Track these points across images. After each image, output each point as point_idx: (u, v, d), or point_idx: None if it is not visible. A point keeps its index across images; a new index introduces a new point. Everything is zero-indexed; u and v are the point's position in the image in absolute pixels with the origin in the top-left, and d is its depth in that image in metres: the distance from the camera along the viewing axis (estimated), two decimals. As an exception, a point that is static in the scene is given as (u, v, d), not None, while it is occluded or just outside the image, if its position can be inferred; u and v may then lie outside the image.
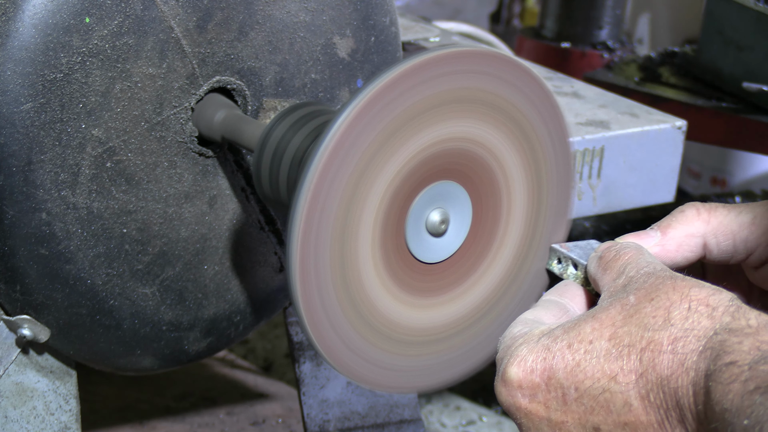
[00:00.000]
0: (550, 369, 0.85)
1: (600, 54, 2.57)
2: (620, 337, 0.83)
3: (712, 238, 0.97)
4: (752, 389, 0.74)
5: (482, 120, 0.99)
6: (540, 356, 0.86)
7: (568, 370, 0.85)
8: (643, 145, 1.76)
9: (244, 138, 1.19)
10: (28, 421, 1.28)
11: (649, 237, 0.97)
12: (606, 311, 0.86)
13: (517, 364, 0.87)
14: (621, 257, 0.92)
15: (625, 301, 0.85)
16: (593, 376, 0.84)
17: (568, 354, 0.85)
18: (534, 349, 0.87)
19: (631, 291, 0.86)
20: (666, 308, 0.83)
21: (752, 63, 2.15)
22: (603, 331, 0.84)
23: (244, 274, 1.33)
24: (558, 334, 0.87)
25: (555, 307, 0.95)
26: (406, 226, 0.98)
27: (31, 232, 1.17)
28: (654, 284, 0.86)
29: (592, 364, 0.84)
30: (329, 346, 0.96)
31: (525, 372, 0.86)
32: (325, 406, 1.70)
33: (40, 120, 1.14)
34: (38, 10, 1.13)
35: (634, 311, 0.84)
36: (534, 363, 0.86)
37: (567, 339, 0.86)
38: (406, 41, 1.98)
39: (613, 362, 0.83)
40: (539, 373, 0.86)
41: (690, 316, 0.82)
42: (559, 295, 0.97)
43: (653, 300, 0.84)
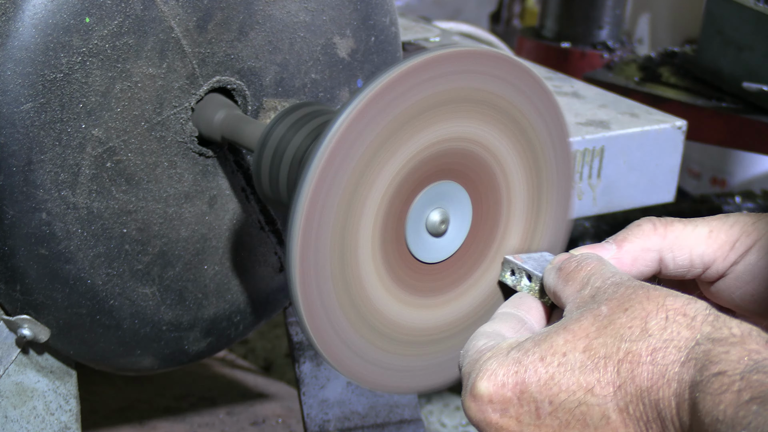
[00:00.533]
0: (522, 383, 0.84)
1: (600, 54, 2.57)
2: (595, 349, 0.82)
3: (669, 252, 0.97)
4: (747, 399, 0.73)
5: (482, 120, 0.99)
6: (511, 370, 0.84)
7: (541, 384, 0.83)
8: (643, 145, 1.76)
9: (244, 138, 1.19)
10: (28, 421, 1.28)
11: (605, 250, 0.96)
12: (578, 322, 0.84)
13: (487, 378, 0.85)
14: (583, 268, 0.91)
15: (597, 312, 0.84)
16: (568, 389, 0.82)
17: (540, 367, 0.83)
18: (504, 363, 0.85)
19: (602, 301, 0.85)
20: (642, 318, 0.82)
21: (752, 63, 2.15)
22: (576, 342, 0.83)
23: (244, 274, 1.33)
24: (528, 347, 0.85)
25: (512, 319, 0.94)
26: (406, 226, 0.98)
27: (31, 232, 1.17)
28: (626, 294, 0.84)
29: (567, 376, 0.82)
30: (329, 346, 0.96)
31: (495, 386, 0.85)
32: (325, 406, 1.70)
33: (40, 120, 1.14)
34: (38, 10, 1.13)
35: (608, 322, 0.83)
36: (505, 377, 0.84)
37: (539, 352, 0.84)
38: (406, 41, 1.98)
39: (589, 374, 0.82)
40: (511, 387, 0.84)
41: (668, 326, 0.81)
42: (514, 307, 0.96)
43: (627, 310, 0.83)
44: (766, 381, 0.73)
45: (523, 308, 0.96)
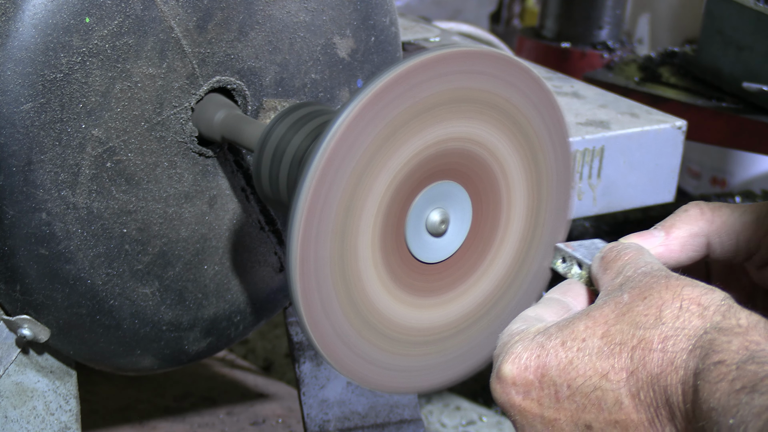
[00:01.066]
0: (543, 366, 0.86)
1: (600, 54, 2.57)
2: (612, 335, 0.84)
3: (716, 237, 0.98)
4: (738, 388, 0.74)
5: (482, 120, 0.99)
6: (534, 353, 0.87)
7: (560, 368, 0.85)
8: (643, 145, 1.76)
9: (244, 138, 1.19)
10: (28, 421, 1.28)
11: (653, 237, 0.97)
12: (600, 309, 0.86)
13: (512, 362, 0.87)
14: (621, 257, 0.92)
15: (619, 300, 0.86)
16: (585, 373, 0.84)
17: (561, 352, 0.85)
18: (529, 347, 0.87)
19: (626, 290, 0.87)
20: (658, 307, 0.83)
21: (752, 63, 2.15)
22: (596, 329, 0.85)
23: (244, 274, 1.33)
24: (552, 332, 0.87)
25: (557, 305, 0.96)
26: (406, 226, 0.98)
27: (31, 232, 1.17)
28: (648, 283, 0.86)
29: (584, 361, 0.84)
30: (329, 346, 0.96)
31: (519, 369, 0.87)
32: (325, 406, 1.70)
33: (40, 120, 1.14)
34: (38, 10, 1.13)
35: (627, 309, 0.85)
36: (528, 360, 0.87)
37: (561, 337, 0.86)
38: (406, 41, 1.98)
39: (604, 360, 0.83)
40: (533, 370, 0.86)
41: (681, 315, 0.82)
42: (561, 293, 0.98)
43: (646, 299, 0.84)
44: (758, 371, 0.75)
45: (570, 295, 0.97)
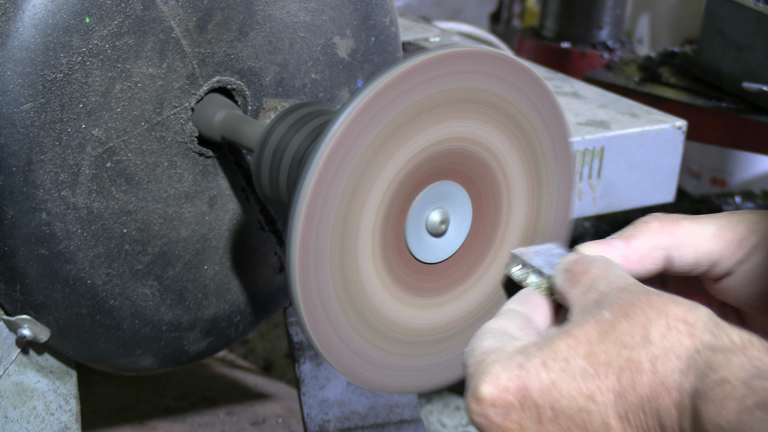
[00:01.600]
0: (524, 388, 0.83)
1: (600, 54, 2.57)
2: (596, 355, 0.82)
3: (676, 251, 0.96)
4: (751, 405, 0.73)
5: (482, 120, 0.99)
6: (513, 374, 0.84)
7: (543, 389, 0.83)
8: (643, 145, 1.76)
9: (244, 138, 1.19)
10: (28, 421, 1.28)
11: (613, 247, 0.95)
12: (580, 327, 0.84)
13: (490, 382, 0.85)
14: (589, 271, 0.90)
15: (600, 317, 0.83)
16: (569, 395, 0.82)
17: (543, 372, 0.83)
18: (507, 367, 0.85)
19: (605, 306, 0.84)
20: (643, 325, 0.81)
21: (752, 63, 2.15)
22: (578, 348, 0.82)
23: (244, 274, 1.33)
24: (531, 351, 0.85)
25: (517, 317, 0.93)
26: (406, 226, 0.98)
27: (31, 232, 1.17)
28: (629, 300, 0.84)
29: (568, 382, 0.82)
30: (329, 346, 0.96)
31: (498, 390, 0.84)
32: (325, 406, 1.70)
33: (40, 120, 1.14)
34: (38, 10, 1.13)
35: (610, 328, 0.82)
36: (508, 381, 0.84)
37: (541, 357, 0.84)
38: (406, 41, 1.99)
39: (590, 381, 0.81)
40: (513, 391, 0.84)
41: (669, 334, 0.80)
42: (521, 304, 0.95)
43: (629, 317, 0.82)
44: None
45: (530, 306, 0.95)
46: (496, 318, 0.94)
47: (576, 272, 0.91)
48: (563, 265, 0.93)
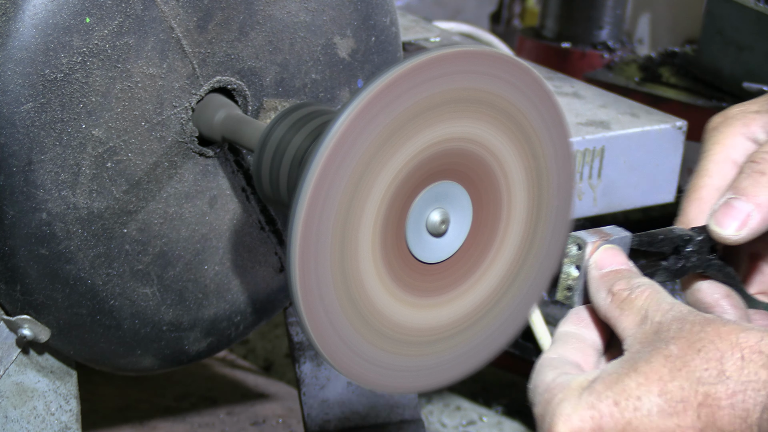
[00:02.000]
0: (599, 429, 0.83)
1: (600, 54, 2.57)
2: (672, 393, 0.81)
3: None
4: None
5: (482, 120, 0.99)
6: (587, 415, 0.83)
7: (618, 429, 0.82)
8: (644, 145, 1.76)
9: (245, 138, 1.19)
10: (29, 421, 1.28)
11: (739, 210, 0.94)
12: (648, 364, 0.83)
13: (563, 423, 0.84)
14: (638, 297, 0.89)
15: (667, 353, 0.82)
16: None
17: (616, 412, 0.82)
18: (578, 408, 0.84)
19: (669, 340, 0.83)
20: (718, 360, 0.80)
21: (752, 63, 2.15)
22: (650, 386, 0.82)
23: (245, 274, 1.33)
24: (600, 390, 0.84)
25: (574, 340, 0.92)
26: (407, 226, 0.98)
27: (32, 232, 1.17)
28: (694, 332, 0.82)
29: (645, 422, 0.81)
30: (329, 346, 0.96)
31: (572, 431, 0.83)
32: (325, 406, 1.70)
33: (40, 120, 1.14)
34: (38, 10, 1.13)
35: (682, 364, 0.81)
36: (581, 422, 0.83)
37: (612, 396, 0.83)
38: (407, 41, 1.98)
39: (667, 419, 0.80)
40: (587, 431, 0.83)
41: (745, 367, 0.79)
42: (574, 324, 0.94)
43: (701, 351, 0.81)
44: None
45: (582, 324, 0.94)
46: (553, 346, 0.92)
47: (621, 297, 0.89)
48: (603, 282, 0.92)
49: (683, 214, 1.01)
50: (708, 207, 0.99)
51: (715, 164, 0.98)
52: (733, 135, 0.97)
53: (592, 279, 0.94)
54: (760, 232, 0.94)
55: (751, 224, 0.94)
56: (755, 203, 0.94)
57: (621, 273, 0.93)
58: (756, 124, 0.97)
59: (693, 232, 1.00)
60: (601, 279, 0.93)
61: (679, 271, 1.00)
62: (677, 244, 0.99)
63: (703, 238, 0.99)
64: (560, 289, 0.99)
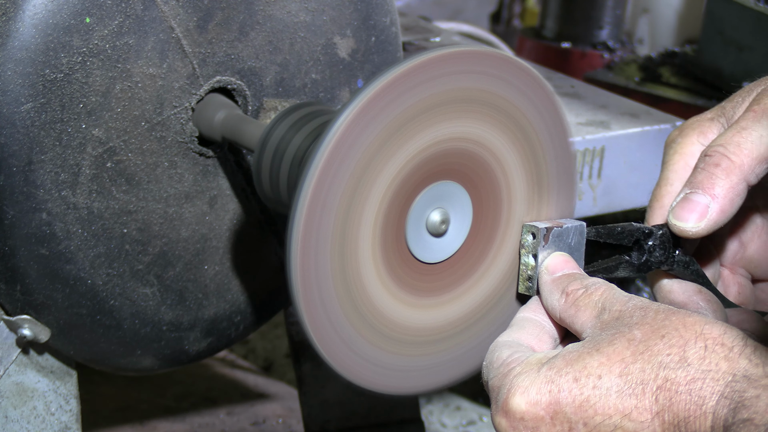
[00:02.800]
0: (556, 403, 0.84)
1: (600, 54, 2.57)
2: (632, 374, 0.82)
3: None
4: None
5: (482, 120, 0.99)
6: (544, 388, 0.84)
7: (576, 405, 0.83)
8: (644, 145, 1.76)
9: (245, 138, 1.19)
10: (29, 421, 1.28)
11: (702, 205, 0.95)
12: (611, 345, 0.84)
13: (520, 395, 0.85)
14: (594, 293, 0.90)
15: (630, 336, 0.84)
16: (604, 412, 0.82)
17: (575, 388, 0.83)
18: (536, 380, 0.85)
19: (633, 326, 0.84)
20: (681, 347, 0.81)
21: (752, 63, 2.15)
22: (612, 366, 0.83)
23: (245, 274, 1.33)
24: (560, 365, 0.85)
25: (530, 324, 0.93)
26: (407, 226, 0.98)
27: (32, 232, 1.17)
28: (658, 320, 0.84)
29: (603, 400, 0.82)
30: (329, 347, 0.96)
31: (528, 404, 0.84)
32: (325, 406, 1.70)
33: (40, 120, 1.14)
34: (38, 10, 1.13)
35: (644, 348, 0.83)
36: (538, 395, 0.84)
37: (572, 372, 0.84)
38: (407, 41, 1.98)
39: (626, 399, 0.82)
40: (544, 406, 0.84)
41: (707, 357, 0.80)
42: (533, 311, 0.96)
43: (664, 337, 0.82)
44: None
45: (541, 311, 0.95)
46: (508, 330, 0.94)
47: (576, 297, 0.91)
48: (557, 285, 0.93)
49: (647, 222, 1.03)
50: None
51: (675, 173, 1.00)
52: (690, 144, 1.00)
53: (544, 284, 0.95)
54: (719, 224, 0.96)
55: (711, 216, 0.95)
56: (712, 195, 0.95)
57: (573, 276, 0.94)
58: (711, 131, 0.99)
59: (653, 227, 1.01)
60: (553, 282, 0.94)
61: (643, 266, 1.01)
62: (637, 238, 1.01)
63: (663, 233, 1.01)
64: (521, 281, 1.00)
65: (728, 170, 0.94)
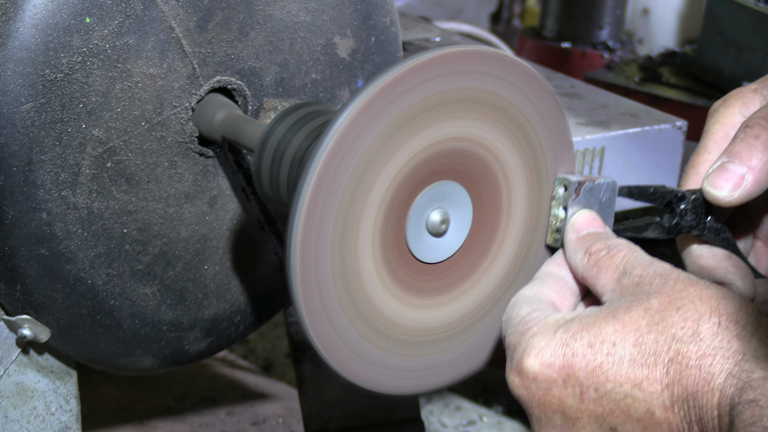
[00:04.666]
0: (569, 366, 0.84)
1: (600, 54, 2.57)
2: (646, 345, 0.82)
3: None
4: None
5: (482, 120, 0.99)
6: (558, 351, 0.85)
7: (588, 370, 0.84)
8: (644, 145, 1.76)
9: (245, 138, 1.19)
10: (29, 421, 1.28)
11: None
12: (627, 313, 0.84)
13: (534, 356, 0.86)
14: (616, 254, 0.91)
15: (648, 305, 0.84)
16: (616, 380, 0.83)
17: (589, 353, 0.84)
18: (551, 342, 0.86)
19: (650, 293, 0.85)
20: (695, 320, 0.82)
21: (752, 63, 2.15)
22: (626, 335, 0.83)
23: (245, 274, 1.33)
24: (576, 329, 0.86)
25: (553, 280, 0.94)
26: (407, 226, 0.98)
27: (32, 232, 1.17)
28: (677, 290, 0.84)
29: (615, 367, 0.83)
30: (329, 346, 0.96)
31: (542, 365, 0.85)
32: (325, 406, 1.70)
33: (40, 120, 1.14)
34: (38, 10, 1.13)
35: (660, 318, 0.83)
36: (552, 357, 0.85)
37: (587, 337, 0.85)
38: (407, 41, 1.98)
39: (638, 369, 0.82)
40: (557, 368, 0.85)
41: (720, 333, 0.81)
42: (557, 266, 0.96)
43: (680, 309, 0.83)
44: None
45: (566, 268, 0.95)
46: (531, 284, 0.94)
47: (598, 257, 0.91)
48: (579, 241, 0.93)
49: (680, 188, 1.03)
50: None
51: (714, 141, 1.00)
52: (732, 114, 1.00)
53: (569, 241, 0.95)
54: (753, 195, 0.96)
55: (745, 186, 0.96)
56: (748, 166, 0.96)
57: (598, 235, 0.94)
58: (754, 103, 0.99)
59: (686, 191, 1.01)
60: (577, 241, 0.94)
61: (674, 228, 1.01)
62: (670, 200, 1.01)
63: (696, 197, 1.01)
64: (549, 233, 1.01)
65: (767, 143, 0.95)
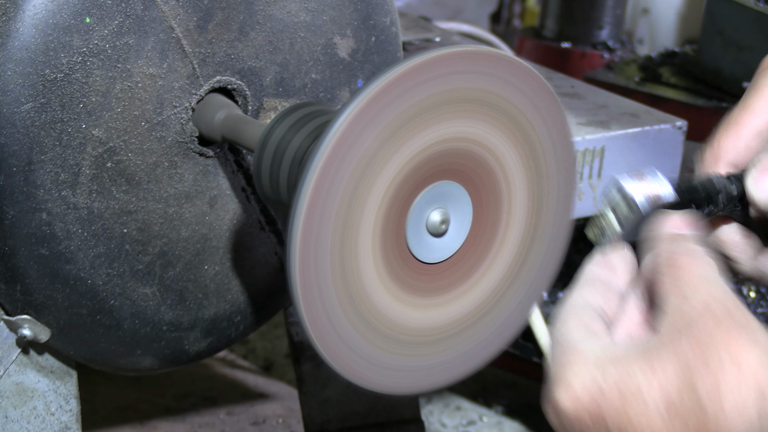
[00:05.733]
0: (597, 407, 0.83)
1: (600, 54, 2.57)
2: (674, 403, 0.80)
3: None
4: None
5: (482, 120, 0.99)
6: (587, 390, 0.83)
7: (616, 416, 0.82)
8: (644, 145, 1.76)
9: (245, 138, 1.19)
10: (29, 421, 1.28)
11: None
12: (659, 360, 0.82)
13: (565, 389, 0.84)
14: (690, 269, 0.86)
15: (679, 350, 0.81)
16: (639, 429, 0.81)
17: (617, 400, 0.82)
18: (583, 380, 0.84)
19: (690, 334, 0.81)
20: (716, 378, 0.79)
21: (752, 63, 2.14)
22: (653, 383, 0.81)
23: (245, 274, 1.33)
24: (608, 369, 0.83)
25: (599, 283, 0.90)
26: (407, 226, 0.98)
27: (32, 232, 1.17)
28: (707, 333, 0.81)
29: (641, 420, 0.81)
30: (329, 346, 0.96)
31: (571, 401, 0.83)
32: (325, 406, 1.70)
33: (40, 120, 1.14)
34: (39, 10, 1.13)
35: (689, 372, 0.80)
36: (582, 393, 0.83)
37: (618, 383, 0.82)
38: (407, 41, 1.98)
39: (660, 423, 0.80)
40: (586, 406, 0.83)
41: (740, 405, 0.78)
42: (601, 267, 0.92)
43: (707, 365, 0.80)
44: None
45: (608, 268, 0.92)
46: (579, 287, 0.90)
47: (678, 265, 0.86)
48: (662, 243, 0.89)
49: (715, 144, 0.97)
50: (743, 145, 0.96)
51: (765, 99, 0.94)
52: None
53: (653, 238, 0.91)
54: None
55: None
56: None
57: (683, 238, 0.90)
58: None
59: (729, 182, 0.97)
60: (661, 240, 0.90)
61: (707, 215, 0.98)
62: (711, 194, 0.98)
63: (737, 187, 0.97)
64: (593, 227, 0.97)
65: None
